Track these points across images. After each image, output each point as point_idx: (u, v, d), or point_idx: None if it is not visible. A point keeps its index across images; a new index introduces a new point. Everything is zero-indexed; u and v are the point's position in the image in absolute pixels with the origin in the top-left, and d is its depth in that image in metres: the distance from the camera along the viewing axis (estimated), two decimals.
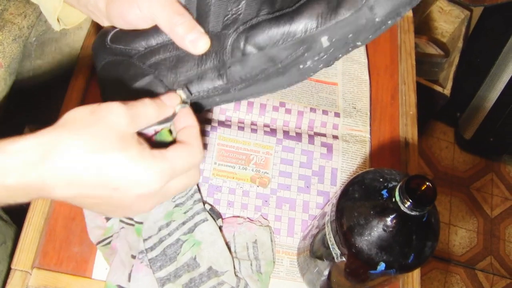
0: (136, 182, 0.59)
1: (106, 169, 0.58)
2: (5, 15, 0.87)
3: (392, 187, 0.69)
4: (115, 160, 0.58)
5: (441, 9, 2.44)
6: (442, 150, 2.76)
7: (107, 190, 0.59)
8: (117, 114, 0.60)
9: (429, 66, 2.33)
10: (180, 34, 0.72)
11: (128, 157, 0.58)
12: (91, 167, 0.57)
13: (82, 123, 0.59)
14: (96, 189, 0.59)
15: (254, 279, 0.88)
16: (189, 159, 0.64)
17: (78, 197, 0.60)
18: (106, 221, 0.89)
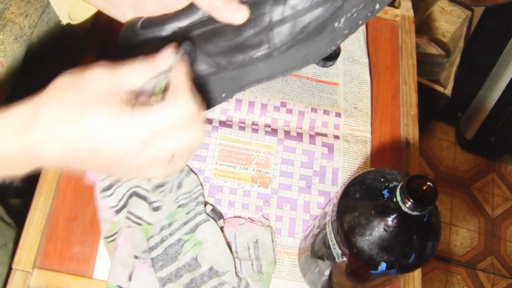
0: (115, 137, 0.59)
1: (86, 127, 0.58)
2: (6, 14, 0.87)
3: (393, 187, 0.69)
4: (94, 118, 0.58)
5: (442, 9, 2.44)
6: (443, 150, 2.75)
7: (92, 148, 0.59)
8: (99, 74, 0.60)
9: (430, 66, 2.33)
10: (219, 7, 0.72)
11: (107, 113, 0.58)
12: (73, 128, 0.58)
13: (65, 88, 0.60)
14: (81, 149, 0.59)
15: (255, 279, 0.88)
16: (173, 111, 0.61)
17: (68, 157, 0.60)
18: (115, 214, 0.89)
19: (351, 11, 0.74)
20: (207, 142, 0.99)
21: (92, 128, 0.58)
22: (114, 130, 0.58)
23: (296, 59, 0.77)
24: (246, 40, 0.75)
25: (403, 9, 1.24)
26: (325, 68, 1.12)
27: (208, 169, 0.97)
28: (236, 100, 1.03)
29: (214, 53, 0.76)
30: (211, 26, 0.76)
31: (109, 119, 0.58)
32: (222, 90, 0.79)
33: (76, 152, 0.59)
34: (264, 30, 0.74)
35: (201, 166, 0.97)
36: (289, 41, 0.75)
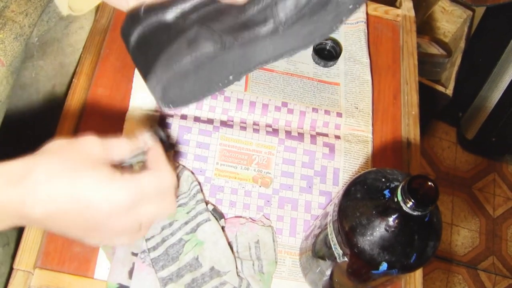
0: (106, 198, 0.61)
1: (78, 187, 0.61)
2: (7, 12, 0.87)
3: (394, 187, 0.69)
4: (86, 179, 0.61)
5: (444, 9, 2.44)
6: (444, 150, 2.75)
7: (80, 207, 0.61)
8: (91, 142, 0.64)
9: (431, 66, 2.33)
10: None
11: (99, 176, 0.62)
12: (65, 186, 0.61)
13: (59, 150, 0.63)
14: (70, 206, 0.61)
15: (256, 279, 0.88)
16: (157, 181, 0.66)
17: (55, 215, 0.61)
18: None
19: None
20: (208, 142, 0.99)
21: (82, 188, 0.61)
22: (105, 191, 0.62)
23: (302, 36, 0.77)
24: (251, 16, 0.75)
25: (404, 9, 1.24)
26: (326, 68, 1.12)
27: (209, 169, 0.97)
28: (237, 100, 1.03)
29: (219, 29, 0.76)
30: (213, 6, 0.76)
31: (99, 181, 0.62)
32: (229, 71, 0.78)
33: (61, 212, 0.61)
34: (268, 5, 0.74)
35: (202, 166, 0.97)
36: (294, 14, 0.75)
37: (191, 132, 0.98)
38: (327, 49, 1.14)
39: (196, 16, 0.76)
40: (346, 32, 1.17)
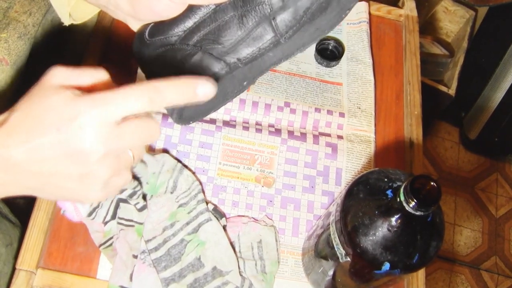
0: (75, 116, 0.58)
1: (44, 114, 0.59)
2: (10, 12, 0.87)
3: (397, 187, 0.69)
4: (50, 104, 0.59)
5: (446, 9, 2.44)
6: (446, 150, 2.75)
7: (52, 133, 0.59)
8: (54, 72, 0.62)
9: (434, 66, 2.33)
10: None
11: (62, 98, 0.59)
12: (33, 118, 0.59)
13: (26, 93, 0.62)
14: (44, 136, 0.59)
15: (258, 279, 0.88)
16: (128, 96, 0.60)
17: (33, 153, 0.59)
18: (104, 225, 0.89)
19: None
20: (211, 142, 0.99)
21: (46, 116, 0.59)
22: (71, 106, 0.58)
23: (308, 36, 0.77)
24: (250, 32, 0.75)
25: (407, 9, 1.24)
26: (329, 68, 1.12)
27: (212, 169, 0.97)
28: (239, 100, 1.03)
29: (223, 53, 0.76)
30: (214, 24, 0.76)
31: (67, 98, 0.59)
32: (242, 80, 0.79)
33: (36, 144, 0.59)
34: (266, 19, 0.74)
35: (204, 166, 0.97)
36: (294, 25, 0.75)
37: (193, 132, 0.98)
38: (329, 49, 1.14)
39: (197, 38, 0.77)
40: (349, 32, 1.17)
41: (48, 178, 0.62)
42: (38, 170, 0.61)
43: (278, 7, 0.74)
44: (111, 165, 0.63)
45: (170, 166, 0.93)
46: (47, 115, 0.59)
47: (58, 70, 0.62)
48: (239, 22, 0.75)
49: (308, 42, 0.78)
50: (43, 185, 0.63)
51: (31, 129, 0.59)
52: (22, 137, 0.59)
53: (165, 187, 0.91)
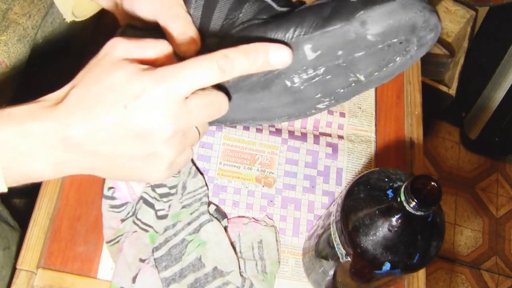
0: (141, 94, 0.56)
1: (108, 92, 0.56)
2: (10, 14, 0.87)
3: (397, 187, 0.69)
4: (114, 81, 0.57)
5: (447, 9, 2.44)
6: (447, 150, 2.75)
7: (118, 111, 0.56)
8: (113, 45, 0.60)
9: (434, 66, 2.33)
10: (171, 35, 0.71)
11: (126, 73, 0.57)
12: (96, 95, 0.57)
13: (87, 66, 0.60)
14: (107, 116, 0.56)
15: (259, 279, 0.88)
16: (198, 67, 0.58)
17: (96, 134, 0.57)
18: (120, 222, 0.89)
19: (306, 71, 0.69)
20: (211, 142, 0.99)
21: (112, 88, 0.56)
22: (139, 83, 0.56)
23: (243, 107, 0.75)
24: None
25: None
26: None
27: (212, 169, 0.97)
28: None
29: None
30: None
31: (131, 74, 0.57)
32: None
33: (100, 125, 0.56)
34: None
35: (205, 166, 0.97)
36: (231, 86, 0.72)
37: None
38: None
39: None
40: None
41: (111, 159, 0.60)
42: (101, 151, 0.59)
43: None
44: (178, 144, 0.60)
45: (186, 169, 0.92)
46: (111, 92, 0.56)
47: (120, 42, 0.60)
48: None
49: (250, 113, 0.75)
50: (104, 165, 0.61)
51: (93, 108, 0.56)
52: (83, 116, 0.56)
53: (175, 189, 0.90)
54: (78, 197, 0.93)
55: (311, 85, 0.70)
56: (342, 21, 0.64)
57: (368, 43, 0.65)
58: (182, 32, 0.70)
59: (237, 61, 0.59)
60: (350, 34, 0.65)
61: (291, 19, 0.68)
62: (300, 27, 0.66)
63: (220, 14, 0.73)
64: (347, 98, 0.73)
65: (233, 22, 0.73)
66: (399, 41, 0.65)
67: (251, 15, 0.72)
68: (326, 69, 0.68)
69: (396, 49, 0.66)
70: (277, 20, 0.69)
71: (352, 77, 0.69)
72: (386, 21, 0.64)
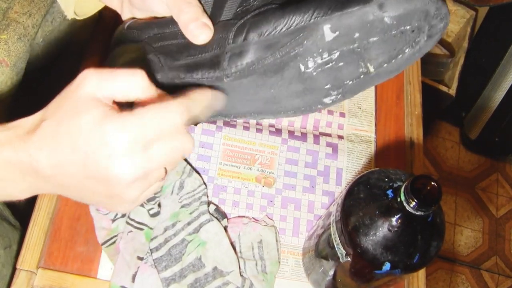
0: (104, 142, 0.56)
1: (74, 134, 0.57)
2: (10, 13, 0.87)
3: (397, 187, 0.69)
4: (81, 125, 0.57)
5: None
6: (447, 150, 2.75)
7: (79, 157, 0.57)
8: (86, 79, 0.59)
9: (434, 66, 2.33)
10: (183, 22, 0.71)
11: (92, 118, 0.56)
12: (64, 134, 0.57)
13: (62, 98, 0.60)
14: (71, 157, 0.57)
15: (259, 279, 0.88)
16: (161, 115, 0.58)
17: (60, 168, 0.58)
18: (111, 222, 0.89)
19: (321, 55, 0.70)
20: (211, 142, 0.99)
21: (78, 136, 0.57)
22: (102, 134, 0.56)
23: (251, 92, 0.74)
24: (204, 60, 0.74)
25: None
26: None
27: (212, 169, 0.97)
28: None
29: (175, 66, 0.75)
30: (180, 40, 0.75)
31: (94, 123, 0.56)
32: None
33: (64, 163, 0.58)
34: (222, 52, 0.72)
35: (205, 166, 0.97)
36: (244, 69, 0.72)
37: (194, 132, 0.98)
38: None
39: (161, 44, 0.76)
40: None
41: (78, 191, 0.62)
42: (68, 184, 0.60)
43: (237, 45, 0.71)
44: (140, 186, 0.61)
45: (180, 168, 0.93)
46: (76, 136, 0.57)
47: (90, 77, 0.59)
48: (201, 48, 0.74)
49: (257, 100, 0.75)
50: (73, 194, 0.63)
51: (60, 147, 0.57)
52: (50, 153, 0.58)
53: (171, 187, 0.90)
54: None
55: (323, 71, 0.71)
56: (360, 3, 0.66)
57: (384, 26, 0.67)
58: (195, 18, 0.71)
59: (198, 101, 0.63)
60: (369, 15, 0.66)
61: (309, 2, 0.69)
62: (319, 9, 0.67)
63: (234, 3, 0.74)
64: (354, 92, 0.74)
65: (248, 9, 0.73)
66: (412, 28, 0.67)
67: (266, 1, 0.73)
68: (340, 54, 0.69)
69: (408, 38, 0.68)
70: (293, 4, 0.70)
71: (363, 67, 0.71)
72: (403, 5, 0.66)
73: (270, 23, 0.69)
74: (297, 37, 0.68)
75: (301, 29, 0.68)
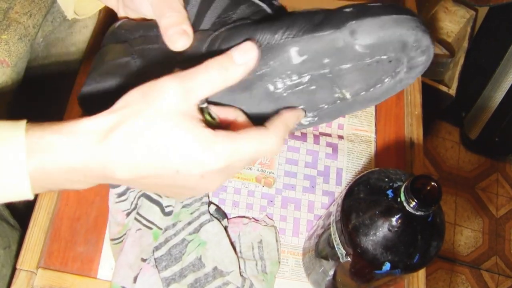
0: (198, 163, 0.57)
1: (165, 152, 0.57)
2: (11, 13, 0.87)
3: (397, 187, 0.69)
4: (173, 142, 0.57)
5: (447, 9, 2.44)
6: (447, 150, 2.75)
7: (169, 172, 0.58)
8: (168, 93, 0.57)
9: (434, 66, 2.33)
10: (164, 26, 0.71)
11: (188, 138, 0.57)
12: (147, 153, 0.56)
13: (136, 108, 0.57)
14: (158, 171, 0.58)
15: (259, 279, 0.88)
16: (259, 145, 0.60)
17: (141, 179, 0.58)
18: (125, 217, 0.89)
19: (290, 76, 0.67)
20: None
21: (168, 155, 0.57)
22: (197, 157, 0.57)
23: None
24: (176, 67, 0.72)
25: None
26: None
27: None
28: None
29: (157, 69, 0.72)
30: (160, 45, 0.73)
31: (190, 141, 0.57)
32: None
33: (150, 174, 0.58)
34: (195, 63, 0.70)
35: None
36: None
37: None
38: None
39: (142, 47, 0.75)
40: None
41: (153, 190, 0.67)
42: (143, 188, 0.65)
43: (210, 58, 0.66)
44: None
45: None
46: (165, 151, 0.57)
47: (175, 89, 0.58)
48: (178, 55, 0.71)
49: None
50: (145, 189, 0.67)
51: (144, 160, 0.57)
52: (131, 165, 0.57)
53: None
54: (78, 197, 0.93)
55: (294, 93, 0.68)
56: (332, 28, 0.62)
57: (356, 54, 0.63)
58: (175, 23, 0.70)
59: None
60: (339, 41, 0.62)
61: (282, 21, 0.66)
62: (290, 30, 0.64)
63: (214, 13, 0.73)
64: (332, 117, 0.71)
65: (225, 21, 0.72)
66: (389, 58, 0.63)
67: (245, 16, 0.72)
68: (311, 78, 0.66)
69: (385, 68, 0.64)
70: (268, 21, 0.67)
71: (338, 92, 0.67)
72: (376, 34, 0.61)
73: (242, 38, 0.66)
74: (264, 57, 0.65)
75: (269, 49, 0.65)
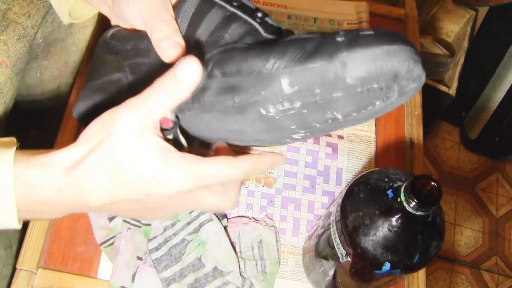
0: (163, 183, 0.58)
1: (132, 177, 0.57)
2: (9, 14, 0.87)
3: (397, 187, 0.69)
4: (138, 166, 0.57)
5: (447, 9, 2.44)
6: (447, 150, 2.75)
7: (139, 196, 0.58)
8: (124, 124, 0.58)
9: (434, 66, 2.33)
10: (156, 39, 0.70)
11: (153, 161, 0.58)
12: (118, 177, 0.57)
13: (98, 138, 0.58)
14: (129, 196, 0.58)
15: (259, 279, 0.88)
16: (225, 169, 0.60)
17: (114, 205, 0.59)
18: (109, 221, 0.89)
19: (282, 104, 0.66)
20: None
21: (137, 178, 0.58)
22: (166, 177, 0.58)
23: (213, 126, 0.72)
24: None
25: (407, 9, 1.24)
26: None
27: None
28: None
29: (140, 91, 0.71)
30: (151, 60, 0.73)
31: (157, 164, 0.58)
32: None
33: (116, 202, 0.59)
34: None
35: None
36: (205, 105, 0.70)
37: None
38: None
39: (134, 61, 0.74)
40: None
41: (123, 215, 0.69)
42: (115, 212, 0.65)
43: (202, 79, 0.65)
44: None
45: None
46: (135, 176, 0.57)
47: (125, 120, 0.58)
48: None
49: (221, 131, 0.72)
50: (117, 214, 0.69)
51: (115, 187, 0.58)
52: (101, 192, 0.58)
53: None
54: None
55: (286, 116, 0.67)
56: (323, 60, 0.62)
57: (347, 85, 0.62)
58: (168, 36, 0.70)
59: None
60: (329, 74, 0.62)
61: (273, 49, 0.65)
62: (281, 60, 0.64)
63: (206, 30, 0.72)
64: (324, 132, 0.71)
65: (217, 41, 0.71)
66: (380, 87, 0.63)
67: (236, 37, 0.71)
68: (302, 104, 0.65)
69: (376, 94, 0.64)
70: (259, 47, 0.67)
71: (329, 114, 0.67)
72: (368, 66, 0.61)
73: (234, 64, 0.66)
74: (256, 85, 0.65)
75: (261, 79, 0.65)
